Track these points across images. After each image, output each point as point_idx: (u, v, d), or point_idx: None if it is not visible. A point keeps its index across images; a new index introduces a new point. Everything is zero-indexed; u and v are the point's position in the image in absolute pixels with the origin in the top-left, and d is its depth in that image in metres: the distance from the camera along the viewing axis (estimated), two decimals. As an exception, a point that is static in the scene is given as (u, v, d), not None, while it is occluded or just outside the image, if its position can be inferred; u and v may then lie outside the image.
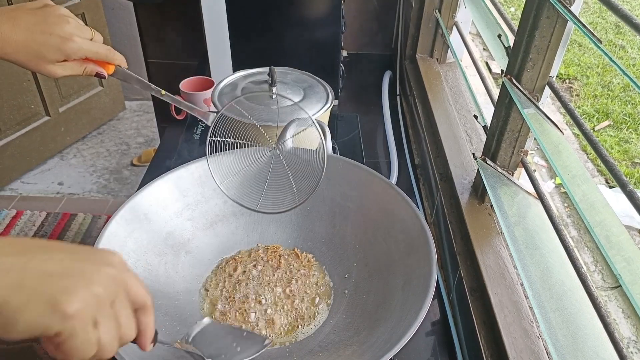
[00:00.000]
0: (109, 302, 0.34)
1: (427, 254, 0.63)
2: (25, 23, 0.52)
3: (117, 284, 0.34)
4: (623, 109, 2.90)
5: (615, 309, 1.72)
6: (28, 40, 0.52)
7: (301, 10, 1.11)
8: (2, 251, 0.31)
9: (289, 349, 0.64)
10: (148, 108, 2.69)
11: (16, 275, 0.30)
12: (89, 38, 0.58)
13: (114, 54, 0.60)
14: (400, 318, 0.59)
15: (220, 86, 0.94)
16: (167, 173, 0.76)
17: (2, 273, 0.30)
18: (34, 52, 0.53)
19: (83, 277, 0.32)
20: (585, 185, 0.52)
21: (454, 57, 1.14)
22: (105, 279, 0.34)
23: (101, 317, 0.33)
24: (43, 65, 0.55)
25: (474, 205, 0.75)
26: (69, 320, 0.31)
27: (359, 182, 0.77)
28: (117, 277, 0.35)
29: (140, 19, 1.61)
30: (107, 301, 0.34)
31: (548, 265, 0.58)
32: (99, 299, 0.33)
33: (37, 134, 2.21)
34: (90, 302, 0.32)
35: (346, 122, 1.12)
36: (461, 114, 0.99)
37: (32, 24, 0.53)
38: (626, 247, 0.45)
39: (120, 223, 0.68)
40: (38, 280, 0.31)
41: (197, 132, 1.06)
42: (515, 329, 0.58)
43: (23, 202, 2.09)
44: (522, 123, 0.67)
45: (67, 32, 0.54)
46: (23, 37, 0.52)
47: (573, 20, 0.54)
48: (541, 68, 0.62)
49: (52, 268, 0.31)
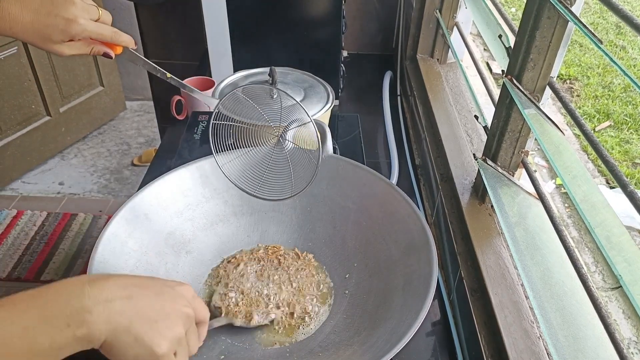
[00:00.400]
0: (184, 334, 0.43)
1: (427, 254, 0.63)
2: (32, 4, 0.54)
3: (190, 318, 0.44)
4: (624, 110, 2.90)
5: (615, 309, 1.72)
6: (34, 21, 0.54)
7: (302, 11, 1.11)
8: (114, 296, 0.39)
9: (289, 349, 0.64)
10: (149, 108, 2.69)
11: (127, 319, 0.39)
12: (96, 18, 0.58)
13: (120, 36, 0.61)
14: (400, 318, 0.59)
15: (221, 86, 0.94)
16: (168, 173, 0.76)
17: (117, 316, 0.38)
18: (40, 32, 0.55)
19: (169, 321, 0.41)
20: (586, 185, 0.52)
21: (455, 58, 1.14)
22: (183, 318, 0.43)
23: (179, 348, 0.43)
24: (50, 45, 0.56)
25: (475, 205, 0.75)
26: (160, 358, 0.40)
27: (360, 182, 0.77)
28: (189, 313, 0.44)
29: (141, 19, 1.61)
30: (183, 334, 0.43)
31: (549, 265, 0.58)
32: (179, 337, 0.42)
33: (38, 133, 2.21)
34: (174, 342, 0.41)
35: (347, 123, 1.12)
36: (462, 114, 0.99)
37: (39, 5, 0.54)
38: (627, 248, 0.45)
39: (120, 223, 0.68)
40: (140, 326, 0.39)
41: (198, 132, 1.06)
42: (515, 330, 0.58)
43: (24, 202, 2.09)
44: (523, 123, 0.67)
45: (72, 13, 0.55)
46: (29, 18, 0.54)
47: (574, 20, 0.54)
48: (542, 68, 0.62)
49: (149, 315, 0.40)
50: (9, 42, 1.94)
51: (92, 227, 1.95)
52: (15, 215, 1.98)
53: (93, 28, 0.57)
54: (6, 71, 1.98)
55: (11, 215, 1.97)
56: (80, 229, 1.94)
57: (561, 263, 0.57)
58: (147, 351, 0.40)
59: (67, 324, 0.36)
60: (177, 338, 0.42)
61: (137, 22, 1.62)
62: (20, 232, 1.91)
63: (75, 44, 0.58)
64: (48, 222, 1.95)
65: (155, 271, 0.70)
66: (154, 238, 0.71)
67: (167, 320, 0.41)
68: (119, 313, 0.38)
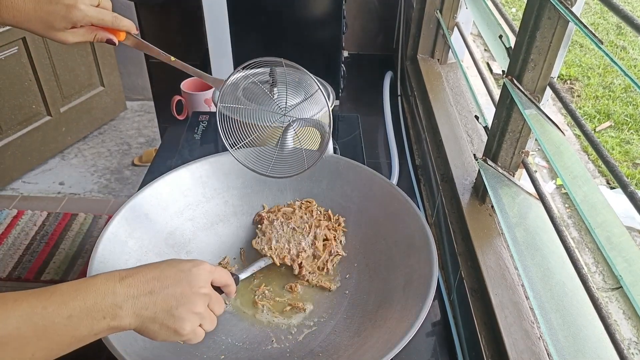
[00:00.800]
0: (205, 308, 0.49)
1: (428, 255, 0.63)
2: None
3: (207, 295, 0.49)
4: (624, 110, 2.90)
5: (616, 310, 1.71)
6: (36, 9, 0.55)
7: (302, 11, 1.11)
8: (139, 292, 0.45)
9: (290, 349, 0.64)
10: (149, 108, 2.69)
11: (150, 312, 0.45)
12: (96, 4, 0.59)
13: (121, 21, 0.62)
14: (400, 318, 0.59)
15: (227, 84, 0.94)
16: (168, 173, 0.76)
17: (143, 310, 0.45)
18: (43, 20, 0.56)
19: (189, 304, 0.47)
20: (586, 186, 0.52)
21: (455, 58, 1.14)
22: (201, 297, 0.48)
23: (203, 321, 0.49)
24: (53, 33, 0.57)
25: (475, 205, 0.75)
26: (185, 336, 0.48)
27: (360, 182, 0.77)
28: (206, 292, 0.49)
29: (142, 19, 1.61)
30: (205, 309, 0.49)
31: (549, 266, 0.58)
32: (200, 313, 0.48)
33: (38, 133, 2.21)
34: (195, 320, 0.48)
35: (347, 123, 1.11)
36: (462, 114, 0.99)
37: None
38: (627, 248, 0.45)
39: (121, 223, 0.68)
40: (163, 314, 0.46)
41: (198, 132, 1.06)
42: (516, 330, 0.58)
43: (24, 202, 2.09)
44: (523, 124, 0.67)
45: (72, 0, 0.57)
46: (32, 6, 0.55)
47: (574, 21, 0.54)
48: (542, 69, 0.62)
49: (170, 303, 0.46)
50: (10, 42, 1.94)
51: (92, 227, 1.95)
52: (16, 215, 1.98)
53: (94, 13, 0.58)
54: (7, 71, 1.98)
55: (12, 215, 1.97)
56: (81, 229, 1.94)
57: (561, 263, 0.57)
58: (173, 333, 0.47)
59: (103, 316, 0.43)
60: (198, 315, 0.48)
61: (138, 22, 1.62)
62: (21, 232, 1.91)
63: (78, 31, 0.59)
64: (48, 222, 1.95)
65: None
66: (154, 238, 0.71)
67: (187, 304, 0.47)
68: (144, 307, 0.45)
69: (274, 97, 0.88)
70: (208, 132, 1.05)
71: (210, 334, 0.65)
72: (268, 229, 0.76)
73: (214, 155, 0.79)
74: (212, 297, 0.50)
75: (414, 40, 1.22)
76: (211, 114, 1.11)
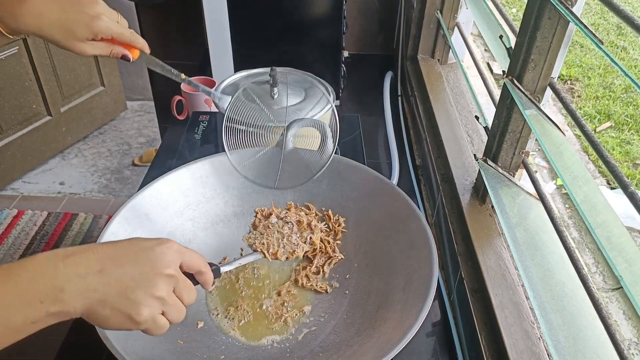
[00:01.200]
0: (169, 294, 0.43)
1: (428, 255, 0.63)
2: (60, 2, 0.57)
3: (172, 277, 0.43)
4: (625, 111, 2.90)
5: (616, 310, 1.71)
6: (61, 17, 0.57)
7: (302, 11, 1.11)
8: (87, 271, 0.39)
9: (290, 349, 0.64)
10: (149, 108, 2.69)
11: (100, 294, 0.39)
12: (116, 21, 0.61)
13: (137, 38, 0.64)
14: (401, 319, 0.59)
15: (222, 86, 0.94)
16: (168, 173, 0.76)
17: (91, 292, 0.39)
18: (66, 28, 0.57)
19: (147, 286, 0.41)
20: (587, 186, 0.52)
21: (456, 58, 1.14)
22: (165, 280, 0.42)
23: (167, 308, 0.43)
24: (73, 42, 0.59)
25: (475, 206, 0.75)
26: (142, 324, 0.41)
27: (360, 182, 0.77)
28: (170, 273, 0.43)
29: (142, 19, 1.61)
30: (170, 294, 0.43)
31: (549, 266, 0.58)
32: (162, 298, 0.42)
33: (39, 133, 2.21)
34: (155, 305, 0.42)
35: (347, 123, 1.11)
36: (462, 114, 0.99)
37: (66, 3, 0.58)
38: (627, 249, 0.45)
39: (121, 223, 0.68)
40: (116, 296, 0.40)
41: (199, 132, 1.06)
42: (516, 330, 0.58)
43: (24, 202, 2.09)
44: (524, 124, 0.67)
45: (97, 11, 0.59)
46: (57, 15, 0.57)
47: (575, 21, 0.54)
48: (543, 69, 0.62)
49: (125, 284, 0.40)
50: (10, 41, 1.94)
51: (92, 227, 1.95)
52: (16, 215, 1.98)
53: (116, 27, 0.61)
54: (7, 71, 1.98)
55: (12, 215, 1.97)
56: (81, 228, 1.94)
57: (562, 264, 0.57)
58: (127, 319, 0.41)
59: (40, 300, 0.37)
60: (159, 300, 0.42)
61: (138, 22, 1.62)
62: (21, 231, 1.91)
63: (97, 43, 0.61)
64: (49, 222, 1.96)
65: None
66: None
67: (145, 286, 0.41)
68: (92, 289, 0.39)
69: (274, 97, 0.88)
70: (208, 132, 1.05)
71: (210, 334, 0.65)
72: (261, 225, 0.76)
73: (214, 155, 0.80)
74: (179, 281, 0.44)
75: (414, 40, 1.22)
76: (211, 114, 1.11)
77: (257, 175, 0.72)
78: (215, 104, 0.71)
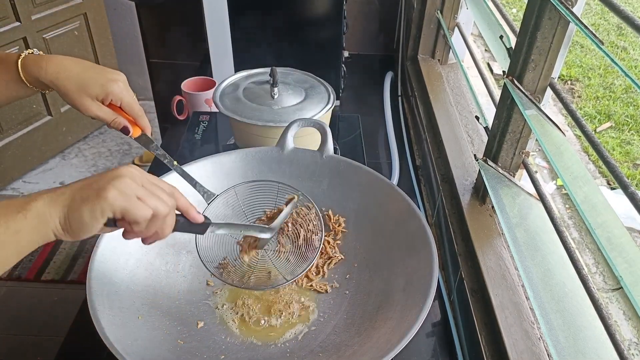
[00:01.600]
0: (139, 184, 0.46)
1: (428, 255, 0.63)
2: (85, 63, 0.61)
3: (140, 176, 0.47)
4: (625, 111, 2.90)
5: (616, 310, 1.71)
6: (80, 73, 0.60)
7: (303, 11, 1.11)
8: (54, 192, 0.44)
9: (290, 349, 0.64)
10: (149, 108, 2.68)
11: (68, 196, 0.44)
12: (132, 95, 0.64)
13: (144, 116, 0.66)
14: (401, 319, 0.59)
15: (222, 86, 0.94)
16: (168, 173, 0.76)
17: (60, 196, 0.44)
18: (82, 83, 0.60)
19: (112, 177, 0.45)
20: (587, 186, 0.52)
21: (456, 58, 1.14)
22: (129, 172, 0.46)
23: (140, 193, 0.46)
24: (83, 98, 0.60)
25: (475, 206, 0.75)
26: (115, 202, 0.44)
27: (360, 183, 0.77)
28: (138, 173, 0.47)
29: (143, 19, 1.61)
30: (138, 184, 0.46)
31: (549, 266, 0.58)
32: (129, 184, 0.45)
33: (39, 133, 2.21)
34: (123, 187, 0.45)
35: (347, 123, 1.12)
36: (462, 114, 0.99)
37: (90, 65, 0.62)
38: (627, 249, 0.45)
39: (121, 223, 0.68)
40: (81, 190, 0.45)
41: (199, 132, 1.06)
42: (516, 330, 0.58)
43: (24, 202, 2.09)
44: (524, 124, 0.67)
45: (115, 77, 0.62)
46: (78, 70, 0.60)
47: (575, 21, 0.54)
48: (543, 69, 0.62)
49: (88, 180, 0.45)
50: (10, 42, 1.95)
51: (92, 227, 1.95)
52: (16, 214, 1.98)
53: (128, 96, 0.63)
54: (7, 71, 1.98)
55: (12, 215, 1.97)
56: (81, 228, 1.94)
57: (562, 264, 0.57)
58: (97, 202, 0.44)
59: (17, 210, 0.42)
60: (125, 185, 0.45)
61: (139, 22, 1.62)
62: (21, 231, 1.91)
63: (103, 107, 0.62)
64: (49, 222, 1.96)
65: (156, 271, 0.70)
66: (154, 238, 0.71)
67: (110, 178, 0.45)
68: (60, 194, 0.44)
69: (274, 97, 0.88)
70: (208, 132, 1.05)
71: (210, 334, 0.66)
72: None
73: (214, 155, 0.80)
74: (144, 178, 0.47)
75: (414, 40, 1.22)
76: (211, 114, 1.11)
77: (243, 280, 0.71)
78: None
